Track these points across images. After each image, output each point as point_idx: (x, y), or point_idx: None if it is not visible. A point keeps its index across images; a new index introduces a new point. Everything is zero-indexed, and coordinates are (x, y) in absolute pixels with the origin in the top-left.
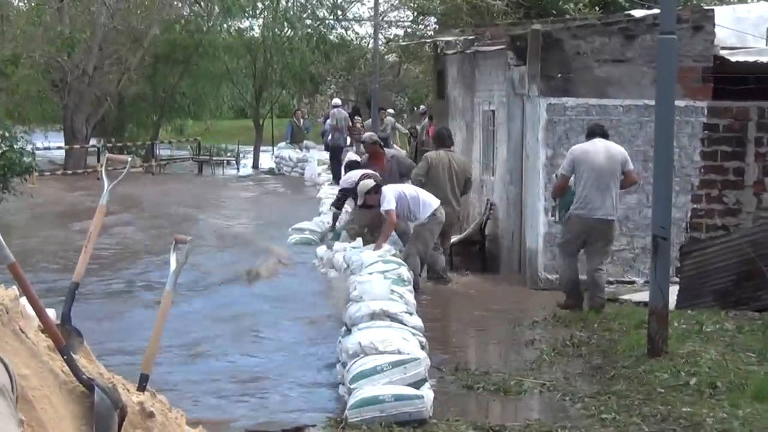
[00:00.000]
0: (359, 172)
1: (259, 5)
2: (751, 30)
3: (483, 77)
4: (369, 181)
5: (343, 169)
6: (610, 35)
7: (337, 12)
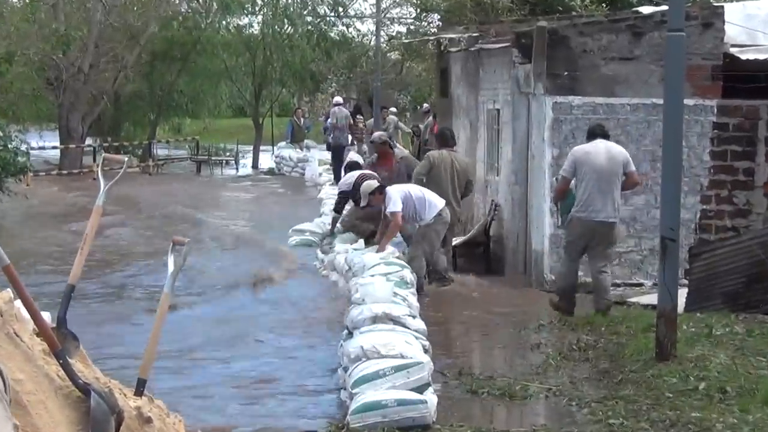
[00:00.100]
0: (358, 173)
1: (259, 1)
2: (762, 27)
3: (487, 75)
4: (372, 182)
5: (343, 170)
6: (617, 32)
7: (339, 9)
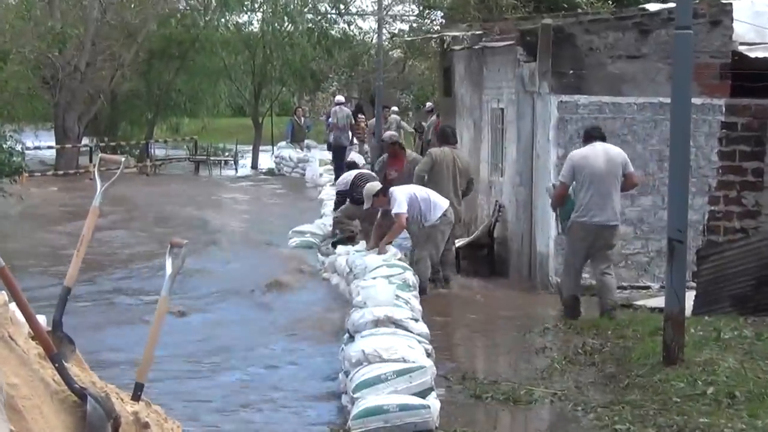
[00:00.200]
0: (355, 172)
1: None
2: None
3: (491, 74)
4: (375, 183)
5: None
6: (623, 30)
7: (340, 6)
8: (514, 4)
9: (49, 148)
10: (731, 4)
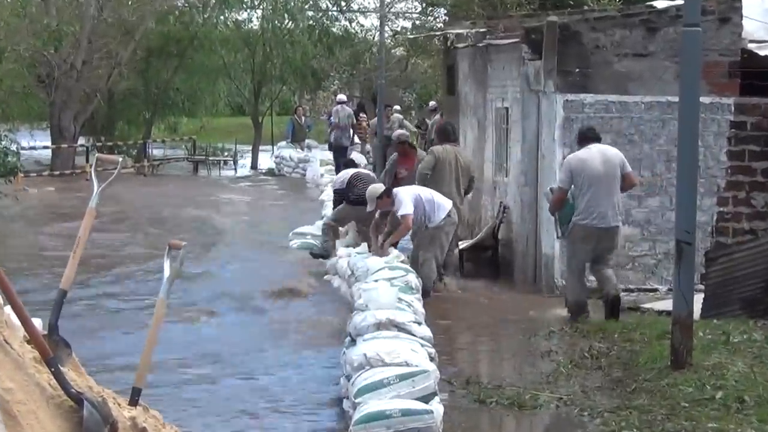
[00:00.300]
0: (352, 170)
1: None
2: None
3: (496, 72)
4: (379, 185)
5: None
6: (630, 28)
7: (341, 3)
8: (519, 1)
9: (45, 148)
10: (740, 0)
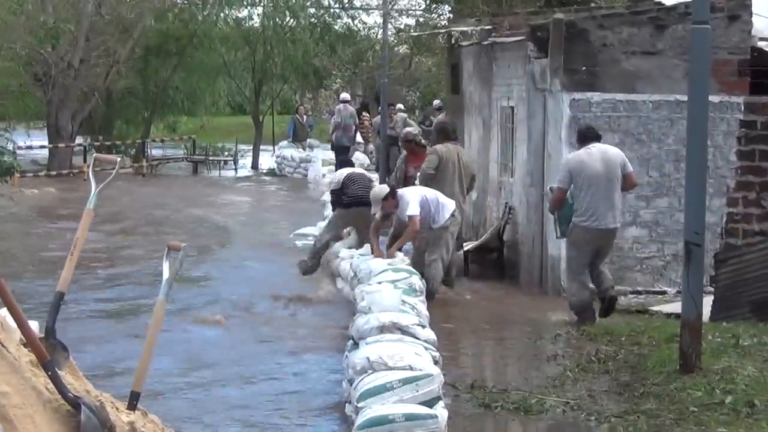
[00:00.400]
0: (347, 170)
1: None
2: None
3: (501, 71)
4: (383, 186)
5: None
6: (638, 25)
7: (343, 0)
8: None
9: (42, 147)
10: None
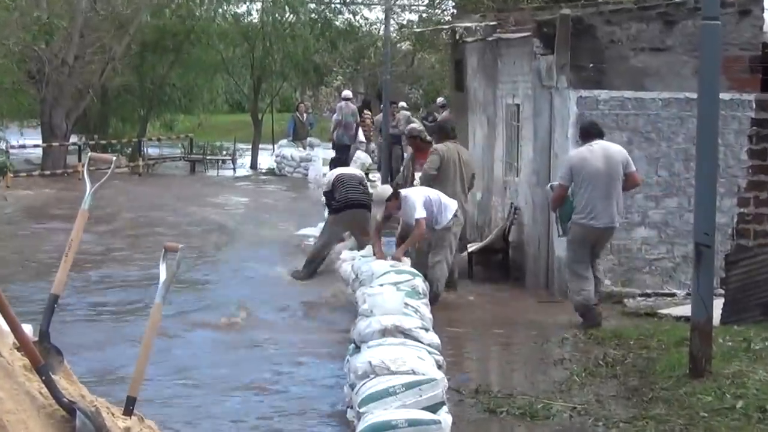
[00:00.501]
0: (338, 171)
1: None
2: None
3: (506, 67)
4: (385, 187)
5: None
6: (647, 21)
7: None
8: None
9: (35, 146)
10: None
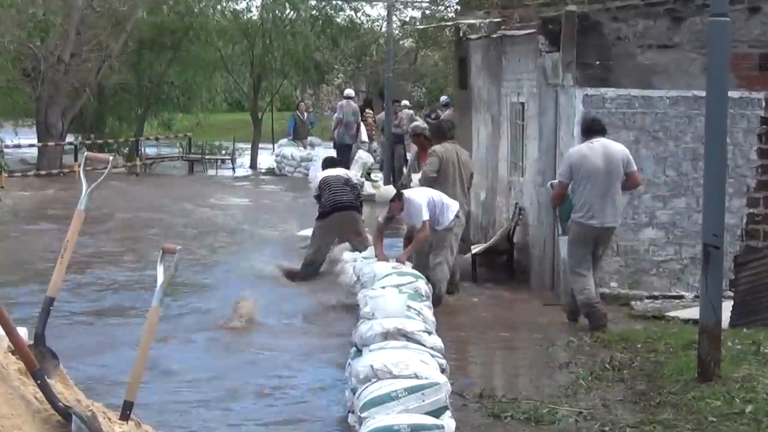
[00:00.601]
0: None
1: None
2: None
3: (511, 65)
4: (389, 187)
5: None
6: (655, 17)
7: None
8: None
9: (31, 146)
10: None
